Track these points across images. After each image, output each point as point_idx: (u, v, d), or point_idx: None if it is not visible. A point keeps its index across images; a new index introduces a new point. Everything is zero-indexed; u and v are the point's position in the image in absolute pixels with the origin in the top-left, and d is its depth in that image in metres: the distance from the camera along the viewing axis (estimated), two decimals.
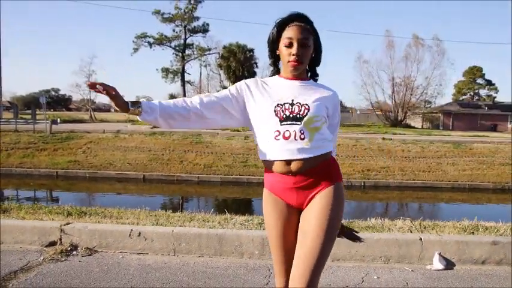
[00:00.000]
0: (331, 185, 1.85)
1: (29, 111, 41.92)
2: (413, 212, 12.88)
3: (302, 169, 1.82)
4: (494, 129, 44.62)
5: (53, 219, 4.06)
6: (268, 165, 1.90)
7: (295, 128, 1.80)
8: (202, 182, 15.25)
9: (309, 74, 2.00)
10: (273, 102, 1.85)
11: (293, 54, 1.84)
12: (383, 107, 47.64)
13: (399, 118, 44.57)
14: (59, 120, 23.79)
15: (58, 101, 76.97)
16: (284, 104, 1.84)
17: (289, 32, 1.85)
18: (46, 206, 5.03)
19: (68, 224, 3.82)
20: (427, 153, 19.31)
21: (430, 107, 50.08)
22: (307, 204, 1.86)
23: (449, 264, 3.50)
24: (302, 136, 1.80)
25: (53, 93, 76.06)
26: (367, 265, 3.50)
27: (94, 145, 18.46)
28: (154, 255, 3.61)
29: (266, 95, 1.89)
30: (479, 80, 73.04)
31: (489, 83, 73.13)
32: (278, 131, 1.81)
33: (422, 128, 46.51)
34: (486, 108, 49.89)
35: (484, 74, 72.28)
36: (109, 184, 15.26)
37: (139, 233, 3.67)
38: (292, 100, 1.85)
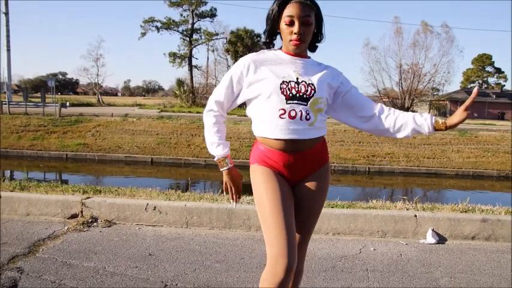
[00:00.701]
0: (324, 166, 1.96)
1: (37, 95, 42.30)
2: (416, 197, 13.09)
3: (302, 149, 1.85)
4: (502, 117, 44.51)
5: (73, 194, 4.36)
6: (266, 142, 1.88)
7: (301, 108, 1.80)
8: (209, 166, 15.55)
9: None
10: (277, 78, 1.82)
11: (295, 33, 1.80)
12: (390, 94, 47.51)
13: (406, 105, 44.50)
14: (68, 103, 24.07)
15: (65, 85, 77.51)
16: (290, 82, 1.81)
17: (290, 10, 1.80)
18: (62, 185, 5.33)
19: (88, 198, 4.13)
20: (432, 140, 19.44)
21: (437, 94, 49.89)
22: (299, 181, 1.93)
23: (441, 239, 3.77)
24: (308, 117, 1.81)
25: (61, 77, 76.48)
26: (365, 238, 3.78)
27: (103, 128, 18.76)
28: (168, 227, 3.92)
29: (268, 70, 1.85)
30: (489, 68, 72.46)
31: (498, 71, 72.54)
32: (283, 109, 1.79)
33: None
34: (494, 96, 49.67)
35: (493, 62, 71.69)
36: (118, 167, 15.58)
37: (155, 207, 3.97)
38: (297, 78, 1.83)
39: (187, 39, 41.67)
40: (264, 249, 3.43)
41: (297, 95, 1.80)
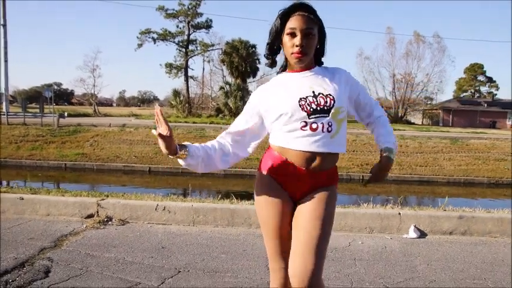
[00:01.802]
0: (331, 185, 1.89)
1: (32, 105, 42.52)
2: (407, 204, 13.48)
3: (318, 168, 1.81)
4: (493, 126, 45.20)
5: (88, 196, 4.76)
6: (283, 152, 1.84)
7: (323, 120, 1.78)
8: (206, 175, 15.88)
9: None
10: (294, 98, 1.80)
11: (296, 45, 1.78)
12: (384, 103, 48.25)
13: (400, 114, 45.19)
14: (66, 114, 24.41)
15: (60, 95, 77.81)
16: (307, 97, 1.79)
17: (293, 22, 1.79)
18: (71, 191, 5.71)
19: (103, 199, 4.54)
20: (425, 149, 19.93)
21: (431, 103, 50.67)
22: (302, 197, 1.87)
23: (422, 234, 4.20)
24: (330, 128, 1.78)
25: (56, 87, 76.85)
26: (354, 234, 4.21)
27: (101, 138, 19.06)
28: (176, 226, 4.33)
29: (282, 93, 1.84)
30: (480, 77, 73.55)
31: (490, 80, 73.61)
32: (305, 121, 1.77)
33: (422, 124, 47.15)
34: (486, 105, 50.43)
35: (485, 71, 72.78)
36: (116, 176, 15.88)
37: (164, 207, 4.38)
38: (313, 92, 1.80)
39: (183, 50, 42.24)
40: (263, 244, 3.85)
41: (318, 108, 1.78)
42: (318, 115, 1.77)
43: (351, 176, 16.66)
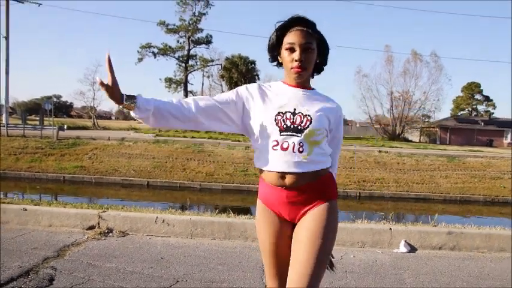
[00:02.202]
0: (324, 203, 1.81)
1: (31, 117, 42.54)
2: (401, 221, 13.60)
3: (296, 183, 1.77)
4: (490, 144, 45.53)
5: (88, 208, 4.91)
6: (263, 174, 1.86)
7: (295, 139, 1.75)
8: (204, 190, 16.04)
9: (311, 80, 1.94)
10: (274, 109, 1.79)
11: (296, 60, 1.76)
12: (382, 120, 48.66)
13: (397, 132, 45.51)
14: (65, 126, 24.57)
15: (60, 108, 77.93)
16: (286, 112, 1.78)
17: (291, 37, 1.77)
18: (72, 203, 5.85)
19: (104, 211, 4.68)
20: (422, 166, 20.11)
21: (428, 121, 51.12)
22: (298, 220, 1.84)
23: (412, 249, 4.34)
24: (300, 149, 1.75)
25: (55, 99, 76.96)
26: (346, 248, 4.35)
27: (100, 151, 19.15)
28: (175, 238, 4.47)
29: (267, 101, 1.83)
30: (477, 96, 74.24)
31: (487, 98, 74.30)
32: (277, 140, 1.76)
33: (419, 142, 47.45)
34: (482, 123, 50.89)
35: (482, 90, 73.47)
36: (114, 189, 15.96)
37: (163, 220, 4.53)
38: (294, 109, 1.78)
39: (183, 65, 42.70)
40: (259, 256, 3.99)
41: (291, 126, 1.76)
42: (290, 133, 1.76)
43: (348, 193, 16.78)
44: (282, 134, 1.75)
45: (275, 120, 1.77)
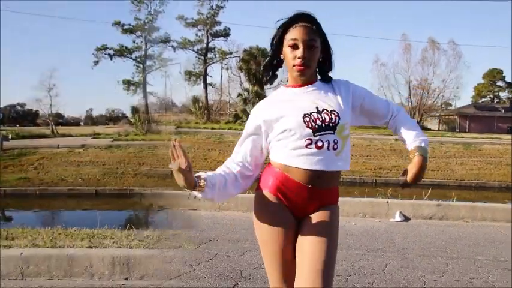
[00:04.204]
0: (335, 203, 1.81)
1: None
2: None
3: (322, 186, 1.73)
4: (510, 131, 45.06)
5: None
6: (284, 169, 1.74)
7: (329, 137, 1.70)
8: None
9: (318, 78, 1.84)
10: (297, 114, 1.71)
11: (298, 57, 1.70)
12: None
13: (416, 120, 45.39)
14: (10, 136, 22.74)
15: (24, 116, 72.44)
16: (311, 113, 1.71)
17: (294, 33, 1.72)
18: None
19: None
20: (437, 154, 20.45)
21: (448, 109, 50.81)
22: (307, 217, 1.77)
23: (406, 219, 5.09)
24: (335, 146, 1.70)
25: (19, 107, 72.44)
26: (349, 218, 5.13)
27: (47, 161, 17.49)
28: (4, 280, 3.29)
29: (286, 109, 1.74)
30: (500, 83, 73.08)
31: (510, 85, 73.03)
32: (310, 139, 1.69)
33: (438, 130, 47.38)
34: (503, 110, 50.30)
35: (504, 77, 72.26)
36: (60, 200, 13.87)
37: None
38: (317, 107, 1.72)
39: (202, 58, 43.55)
40: None
41: (323, 125, 1.70)
42: (323, 132, 1.70)
43: (364, 180, 17.37)
44: (315, 134, 1.69)
45: (304, 123, 1.70)
